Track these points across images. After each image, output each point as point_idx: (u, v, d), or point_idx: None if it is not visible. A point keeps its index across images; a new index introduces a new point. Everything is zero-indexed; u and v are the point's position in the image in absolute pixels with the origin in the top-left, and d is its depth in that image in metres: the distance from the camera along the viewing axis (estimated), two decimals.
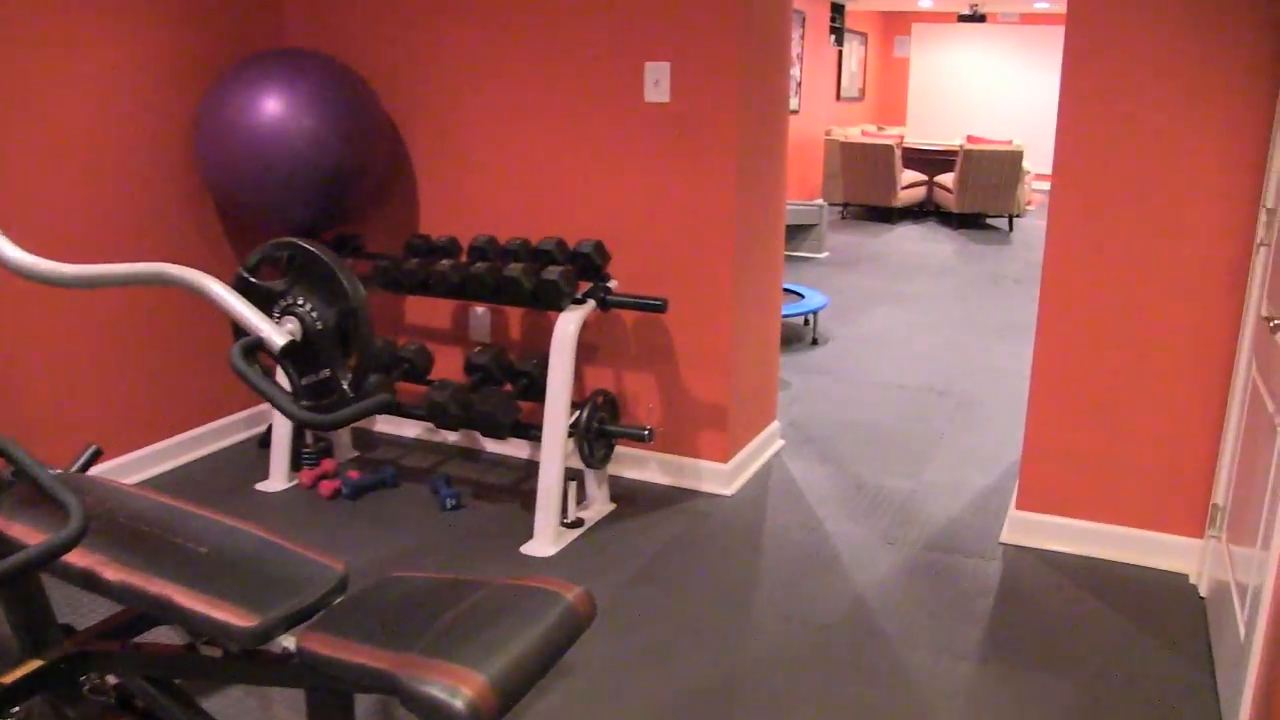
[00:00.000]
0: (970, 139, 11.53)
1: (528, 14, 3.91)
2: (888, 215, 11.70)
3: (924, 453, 4.48)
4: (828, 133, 12.83)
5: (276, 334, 1.79)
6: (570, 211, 4.00)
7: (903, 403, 5.18)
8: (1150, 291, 3.26)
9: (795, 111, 11.56)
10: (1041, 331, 3.43)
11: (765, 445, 4.34)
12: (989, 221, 11.94)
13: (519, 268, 3.56)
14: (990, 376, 5.66)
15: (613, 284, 3.69)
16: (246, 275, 1.97)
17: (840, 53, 14.02)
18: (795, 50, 11.36)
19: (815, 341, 6.33)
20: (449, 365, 4.42)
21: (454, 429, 3.72)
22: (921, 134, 16.61)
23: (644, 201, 3.86)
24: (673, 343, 3.94)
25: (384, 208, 4.40)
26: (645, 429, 3.53)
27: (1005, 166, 10.97)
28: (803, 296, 6.43)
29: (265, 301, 1.96)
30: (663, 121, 3.77)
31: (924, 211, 12.50)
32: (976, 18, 12.74)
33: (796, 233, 9.33)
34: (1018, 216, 11.55)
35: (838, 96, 14.15)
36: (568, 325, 3.48)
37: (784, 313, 6.00)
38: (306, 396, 1.95)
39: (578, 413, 3.57)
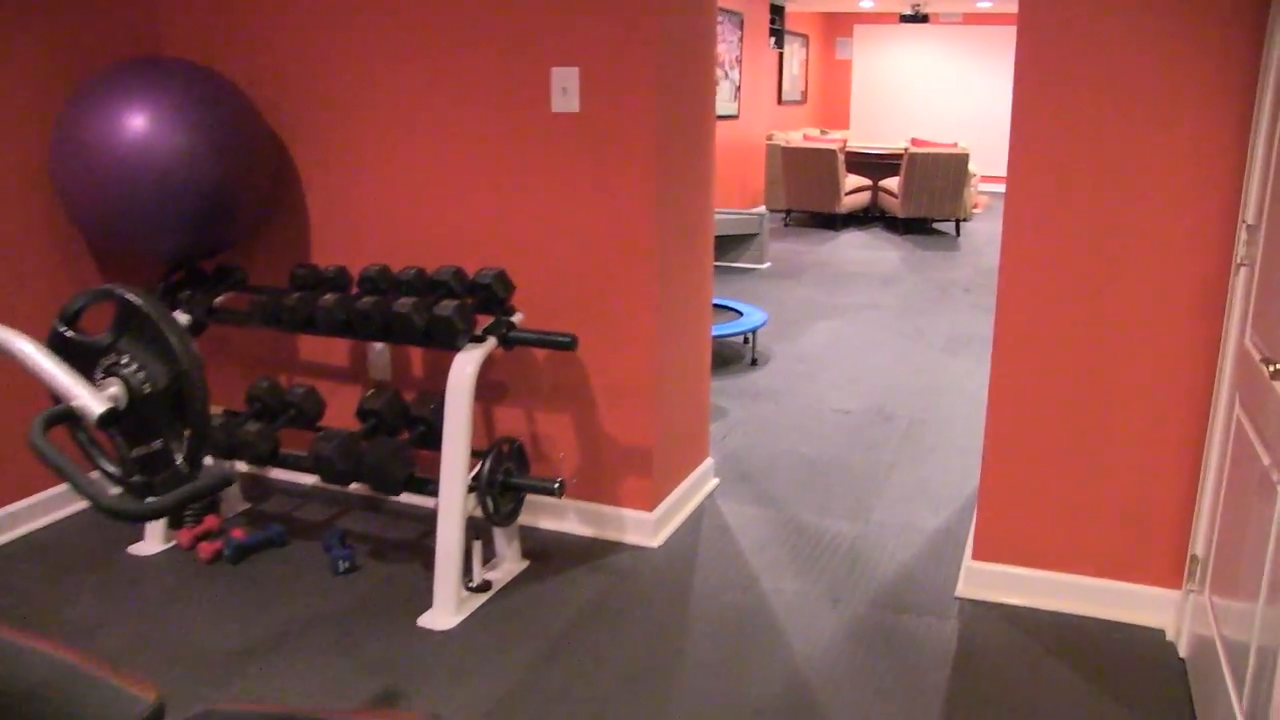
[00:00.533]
0: (915, 142, 11.26)
1: (423, 15, 3.50)
2: (832, 222, 11.39)
3: (872, 488, 4.11)
4: (769, 138, 12.51)
5: (94, 400, 1.53)
6: (472, 236, 3.59)
7: (848, 430, 4.82)
8: (1116, 315, 2.90)
9: (735, 116, 11.22)
10: (998, 361, 3.07)
11: (696, 486, 3.95)
12: (935, 226, 11.67)
13: (409, 303, 3.14)
14: (941, 396, 5.32)
15: (517, 318, 3.28)
16: (62, 329, 1.70)
17: (781, 55, 13.71)
18: (734, 53, 11.02)
19: (755, 362, 5.96)
20: (345, 407, 3.99)
21: (343, 484, 3.29)
22: (865, 138, 16.36)
23: (554, 223, 3.46)
24: (590, 379, 3.54)
25: (269, 235, 3.96)
26: (556, 482, 3.12)
27: (951, 170, 10.70)
28: (741, 314, 6.07)
29: (86, 359, 1.68)
30: (573, 133, 3.37)
31: (869, 217, 12.21)
32: (919, 18, 12.49)
33: (737, 243, 8.97)
34: (964, 220, 11.30)
35: (779, 100, 13.84)
36: (465, 367, 3.07)
37: (721, 332, 5.63)
38: (140, 471, 1.67)
39: (480, 464, 3.15)
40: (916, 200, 10.83)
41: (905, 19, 12.73)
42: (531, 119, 3.41)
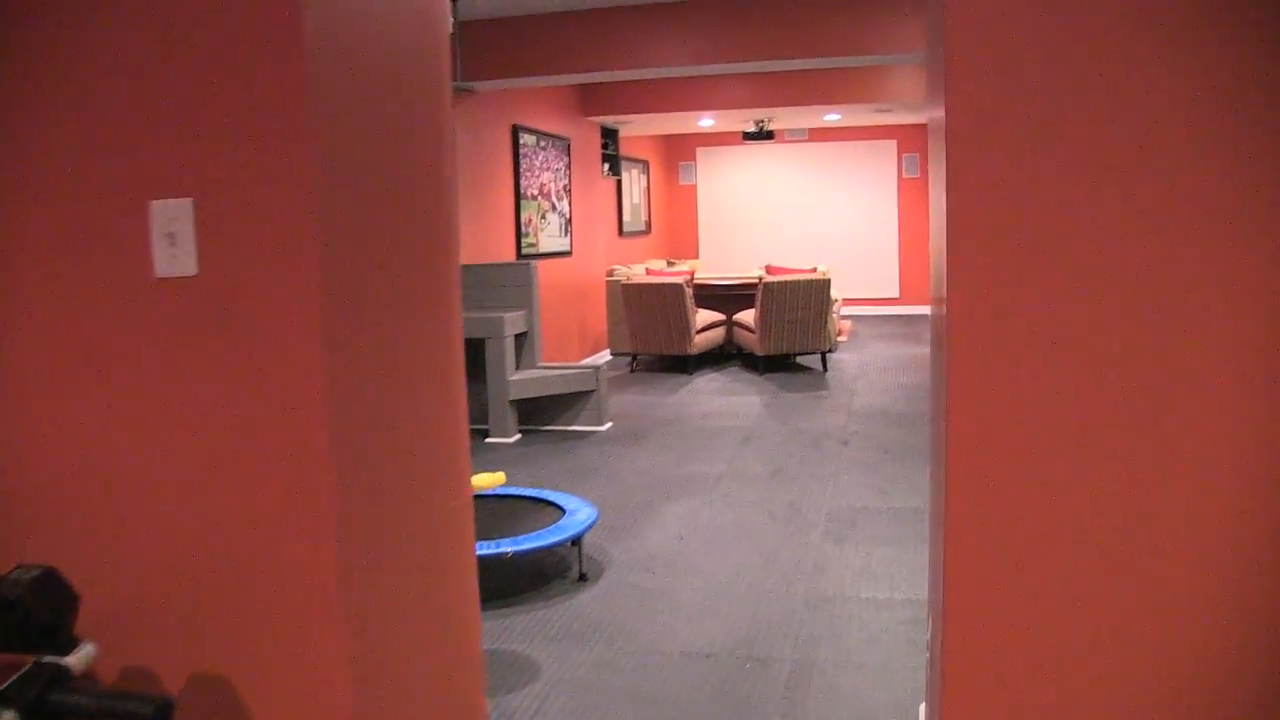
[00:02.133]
0: (770, 269, 10.11)
1: None
2: (684, 364, 10.07)
3: None
4: (609, 273, 11.25)
5: None
6: (9, 503, 2.01)
7: (709, 688, 3.32)
8: (1121, 476, 1.51)
9: (567, 253, 9.92)
10: (953, 580, 1.65)
11: None
12: (799, 360, 10.48)
13: None
14: (832, 614, 3.89)
15: (80, 655, 1.71)
16: None
17: (619, 183, 12.60)
18: (561, 182, 9.78)
19: (584, 577, 4.45)
20: None
21: None
22: (717, 267, 15.31)
23: (153, 471, 1.92)
24: None
25: None
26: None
27: (812, 297, 9.56)
28: (565, 510, 4.58)
29: None
30: (188, 311, 1.88)
31: (725, 355, 10.97)
32: (763, 135, 11.53)
33: (570, 403, 7.53)
34: (830, 352, 10.12)
35: (620, 231, 12.67)
36: None
37: (533, 545, 4.12)
38: None
39: None
40: (776, 334, 9.63)
41: (749, 136, 11.75)
42: (120, 291, 1.90)
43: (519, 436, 7.31)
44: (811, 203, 15.06)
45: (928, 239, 11.82)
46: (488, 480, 4.70)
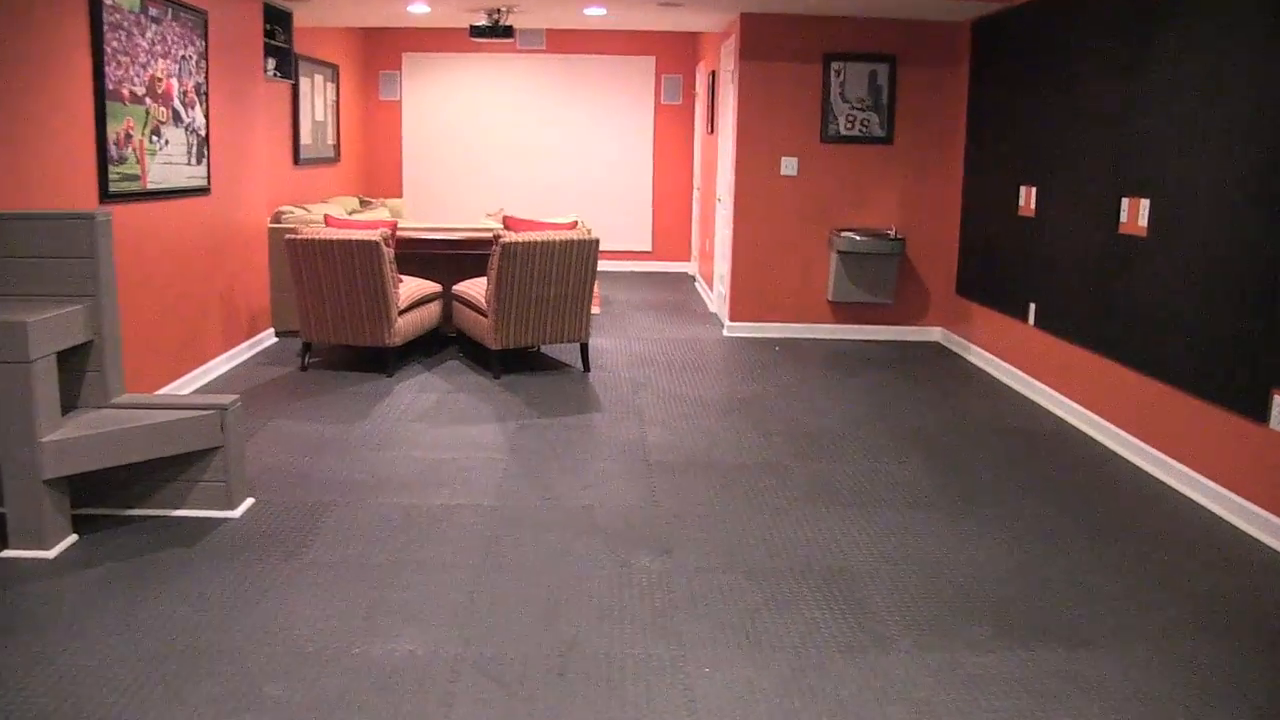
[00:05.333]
0: (510, 221, 7.06)
1: None
2: (381, 360, 6.87)
3: None
4: (275, 218, 7.86)
5: None
6: None
7: None
8: None
9: (203, 191, 6.46)
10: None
11: None
12: (548, 353, 7.54)
13: None
14: None
15: None
16: None
17: (295, 90, 9.11)
18: (193, 79, 6.28)
19: None
20: None
21: None
22: (428, 214, 12.06)
23: None
24: None
25: None
26: None
27: (572, 264, 6.63)
28: None
29: None
30: None
31: (440, 340, 7.87)
32: (499, 31, 8.27)
33: (179, 468, 4.24)
34: (584, 342, 7.23)
35: (295, 159, 9.21)
36: None
37: None
38: None
39: None
40: (520, 319, 6.64)
41: (478, 32, 8.47)
42: None
43: (72, 540, 3.98)
44: (552, 133, 12.05)
45: (689, 181, 10.63)
46: None
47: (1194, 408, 4.77)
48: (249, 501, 4.37)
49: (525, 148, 12.04)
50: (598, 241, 6.74)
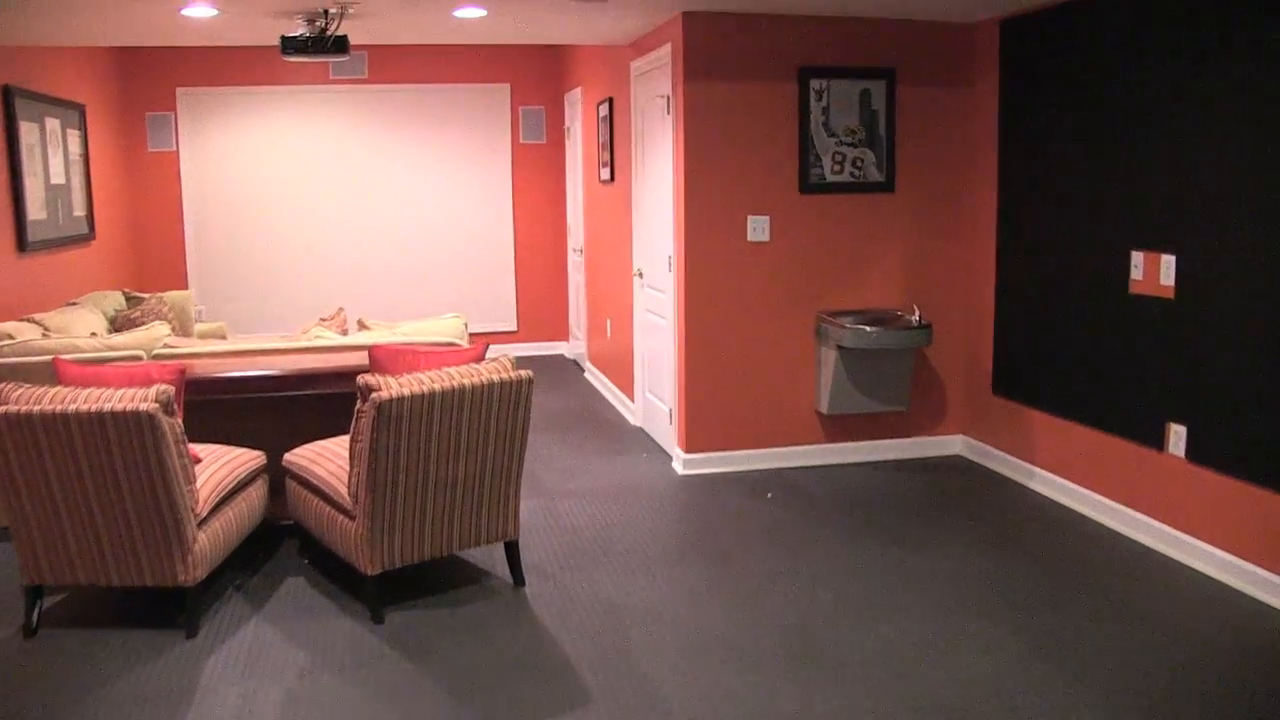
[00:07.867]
0: (376, 350, 4.36)
1: None
2: (173, 604, 4.01)
3: None
4: None
5: None
6: None
7: None
8: None
9: None
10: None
11: None
12: (462, 557, 4.80)
13: None
14: None
15: None
16: None
17: (10, 143, 6.14)
18: None
19: None
20: None
21: None
22: (232, 313, 9.16)
23: None
24: None
25: None
26: None
27: (491, 416, 4.02)
28: None
29: None
30: None
31: (275, 532, 5.02)
32: (324, 44, 5.39)
33: None
34: (512, 540, 4.54)
35: (20, 244, 6.23)
36: None
37: None
38: None
39: None
40: (409, 519, 3.96)
41: (293, 47, 5.49)
42: None
43: None
44: (384, 189, 9.32)
45: (563, 240, 9.46)
46: None
47: None
48: None
49: (352, 210, 9.26)
50: (530, 380, 4.14)
